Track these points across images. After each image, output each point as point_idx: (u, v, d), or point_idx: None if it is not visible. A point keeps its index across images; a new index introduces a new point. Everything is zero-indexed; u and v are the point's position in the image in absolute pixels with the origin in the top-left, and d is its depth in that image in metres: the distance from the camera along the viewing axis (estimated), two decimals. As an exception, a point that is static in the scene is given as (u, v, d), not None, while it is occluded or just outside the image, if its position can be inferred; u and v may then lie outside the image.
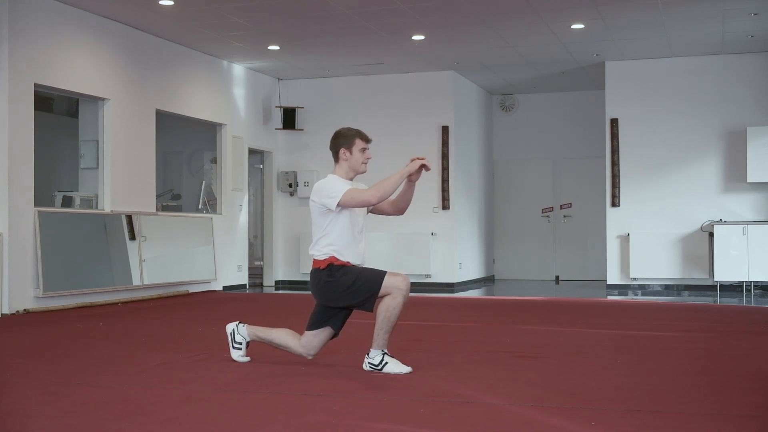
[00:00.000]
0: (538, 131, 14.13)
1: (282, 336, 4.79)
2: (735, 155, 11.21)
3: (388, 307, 4.43)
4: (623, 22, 9.70)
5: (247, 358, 4.89)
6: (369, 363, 4.55)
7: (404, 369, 4.48)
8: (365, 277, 4.48)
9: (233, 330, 4.90)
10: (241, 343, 4.87)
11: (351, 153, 4.62)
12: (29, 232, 8.24)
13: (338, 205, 4.48)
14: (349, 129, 4.72)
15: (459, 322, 7.26)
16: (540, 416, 3.52)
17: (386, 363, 4.50)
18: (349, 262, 4.55)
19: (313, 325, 4.67)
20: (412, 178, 4.56)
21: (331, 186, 4.54)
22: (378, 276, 4.46)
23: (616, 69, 11.78)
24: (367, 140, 4.68)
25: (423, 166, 4.49)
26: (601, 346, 5.62)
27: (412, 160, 4.51)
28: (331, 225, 4.55)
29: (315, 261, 4.61)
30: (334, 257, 4.54)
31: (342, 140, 4.65)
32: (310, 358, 4.75)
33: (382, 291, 4.43)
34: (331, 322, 4.66)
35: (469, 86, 13.12)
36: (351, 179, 4.67)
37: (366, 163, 4.68)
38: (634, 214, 11.66)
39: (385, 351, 4.53)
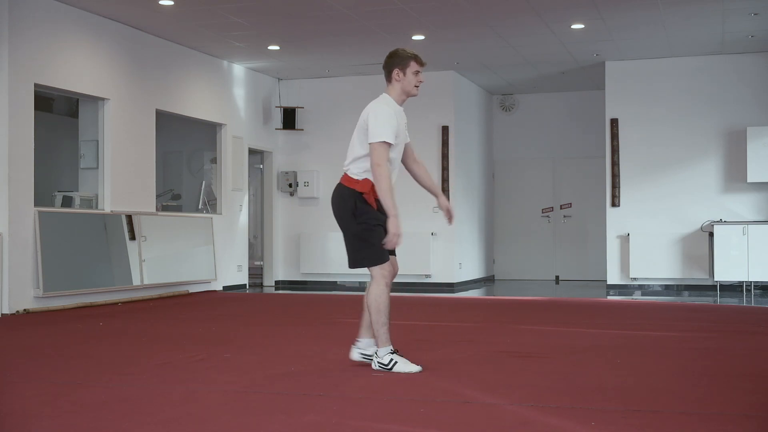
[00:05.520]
0: (538, 131, 14.13)
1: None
2: (735, 155, 11.21)
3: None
4: (623, 22, 9.69)
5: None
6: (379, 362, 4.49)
7: (414, 368, 4.43)
8: (369, 245, 4.38)
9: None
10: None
11: (404, 74, 4.50)
12: (29, 232, 8.24)
13: (369, 142, 4.35)
14: (404, 50, 4.57)
15: (459, 322, 7.26)
16: (540, 416, 3.51)
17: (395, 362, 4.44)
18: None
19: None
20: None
21: (382, 120, 4.35)
22: (376, 258, 4.40)
23: (616, 69, 11.78)
24: (422, 63, 4.54)
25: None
26: (601, 346, 5.61)
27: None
28: None
29: (347, 177, 4.44)
30: (368, 179, 4.41)
31: (397, 60, 4.51)
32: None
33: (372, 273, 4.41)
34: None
35: (469, 86, 13.12)
36: (403, 102, 4.55)
37: (418, 87, 4.55)
38: (634, 214, 11.66)
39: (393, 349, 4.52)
